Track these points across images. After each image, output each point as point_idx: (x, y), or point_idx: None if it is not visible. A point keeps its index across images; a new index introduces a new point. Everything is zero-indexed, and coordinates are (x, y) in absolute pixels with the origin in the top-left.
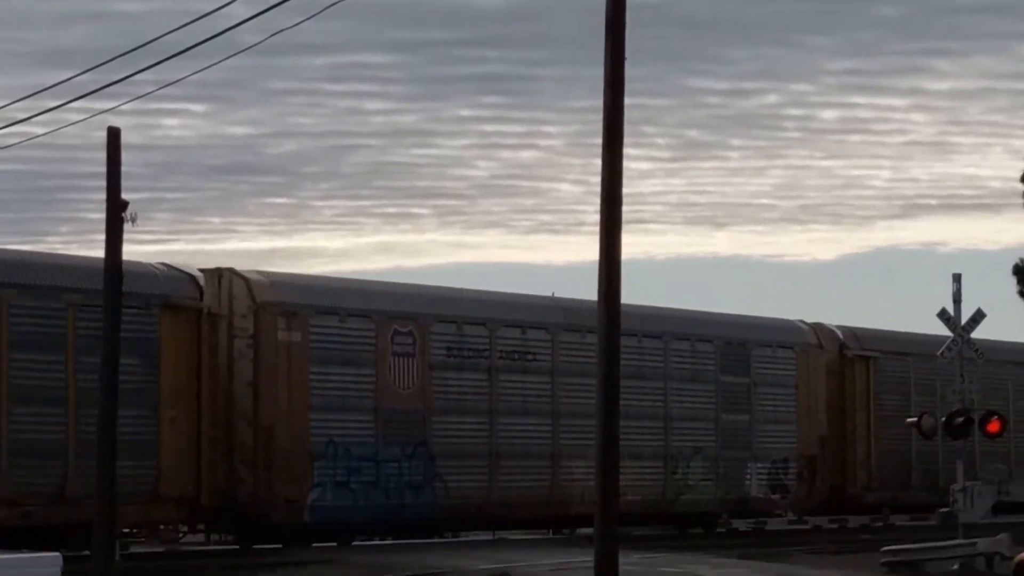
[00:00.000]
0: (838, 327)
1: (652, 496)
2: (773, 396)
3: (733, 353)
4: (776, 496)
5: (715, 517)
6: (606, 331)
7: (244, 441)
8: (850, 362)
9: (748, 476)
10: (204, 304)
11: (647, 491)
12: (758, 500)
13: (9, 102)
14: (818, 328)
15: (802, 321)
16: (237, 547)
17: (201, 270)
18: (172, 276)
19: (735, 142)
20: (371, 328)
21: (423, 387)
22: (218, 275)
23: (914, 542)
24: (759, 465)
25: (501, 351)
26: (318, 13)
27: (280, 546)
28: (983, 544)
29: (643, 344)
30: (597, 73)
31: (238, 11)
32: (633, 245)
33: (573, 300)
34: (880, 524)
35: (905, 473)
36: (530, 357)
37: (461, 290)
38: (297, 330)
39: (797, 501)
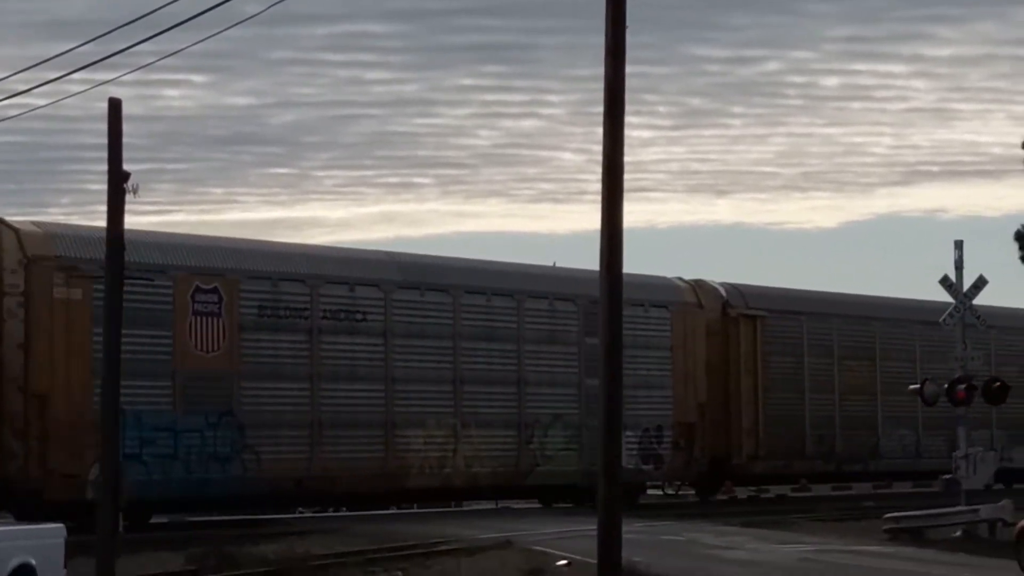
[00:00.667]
0: (721, 284)
1: (504, 468)
2: (645, 359)
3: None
4: (649, 467)
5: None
6: (608, 300)
7: (14, 410)
8: (734, 321)
9: None
10: None
11: (498, 463)
12: (628, 471)
13: (10, 73)
14: (698, 285)
15: (680, 278)
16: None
17: None
18: None
19: (736, 110)
20: (167, 285)
21: (230, 350)
22: None
23: (916, 509)
24: (629, 434)
25: (324, 310)
26: None
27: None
28: (985, 511)
29: (493, 303)
30: (598, 41)
31: None
32: (635, 213)
33: (411, 255)
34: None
35: (798, 441)
36: (359, 317)
37: (278, 243)
38: (77, 287)
39: (673, 472)
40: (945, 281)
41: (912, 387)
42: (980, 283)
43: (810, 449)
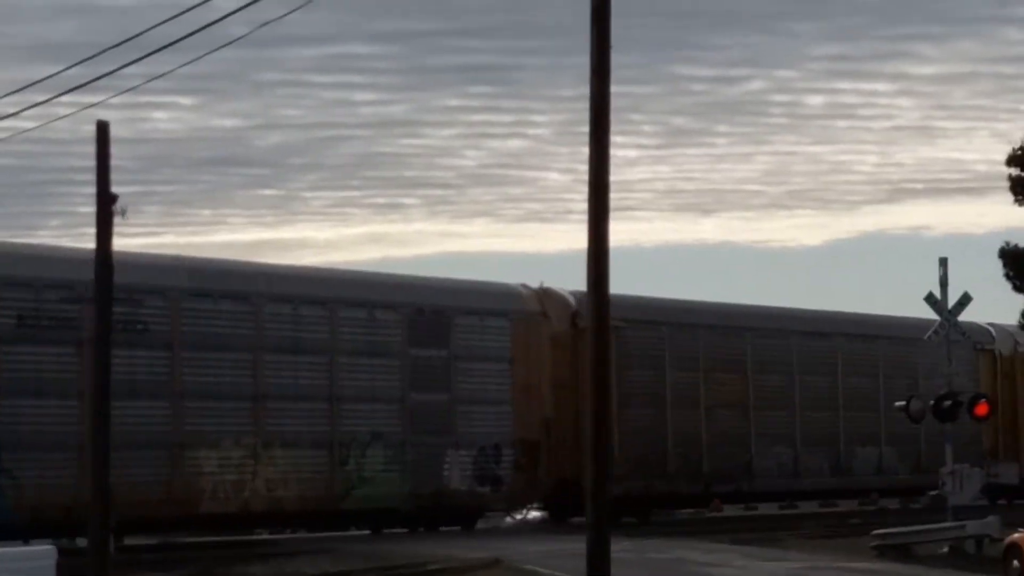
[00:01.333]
0: (572, 293)
1: (313, 492)
2: (481, 372)
3: (427, 322)
4: (486, 489)
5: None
6: (596, 319)
7: None
8: (584, 332)
9: (447, 466)
10: None
11: (306, 486)
12: (461, 493)
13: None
14: (544, 294)
15: (524, 285)
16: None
17: None
18: None
19: (721, 128)
20: None
21: None
22: None
23: (903, 525)
24: (463, 453)
25: None
26: (304, 4)
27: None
28: (972, 527)
29: (300, 312)
30: (583, 61)
31: (226, 4)
32: (621, 233)
33: (201, 259)
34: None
35: (659, 460)
36: (140, 327)
37: (39, 246)
38: None
39: (514, 494)
40: (930, 298)
41: (898, 404)
42: (965, 300)
43: (673, 468)
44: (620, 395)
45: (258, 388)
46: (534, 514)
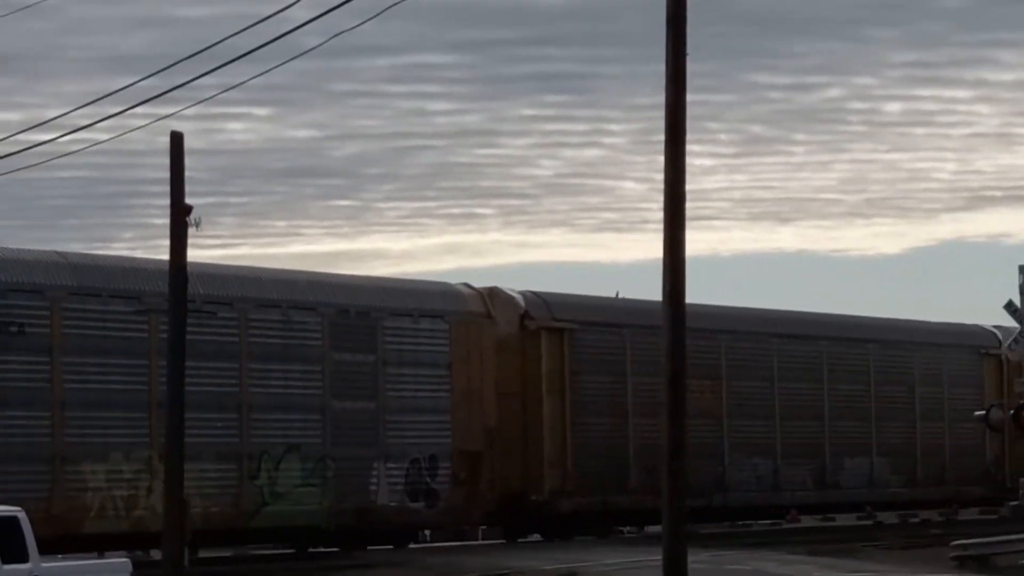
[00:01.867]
0: (521, 293)
1: (219, 508)
2: (414, 379)
3: (350, 324)
4: (419, 504)
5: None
6: (672, 330)
7: None
8: (534, 335)
9: (375, 480)
10: None
11: (210, 502)
12: (390, 510)
13: (72, 108)
14: (490, 294)
15: (467, 285)
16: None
17: None
18: None
19: (799, 137)
20: None
21: None
22: None
23: (984, 536)
24: (392, 466)
25: None
26: (379, 14)
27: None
28: None
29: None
30: (660, 70)
31: (299, 14)
32: (698, 242)
33: (86, 255)
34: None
35: (619, 473)
36: (14, 329)
37: None
38: None
39: (452, 510)
40: (1010, 306)
41: (977, 413)
42: None
43: (635, 482)
44: (573, 403)
45: (153, 396)
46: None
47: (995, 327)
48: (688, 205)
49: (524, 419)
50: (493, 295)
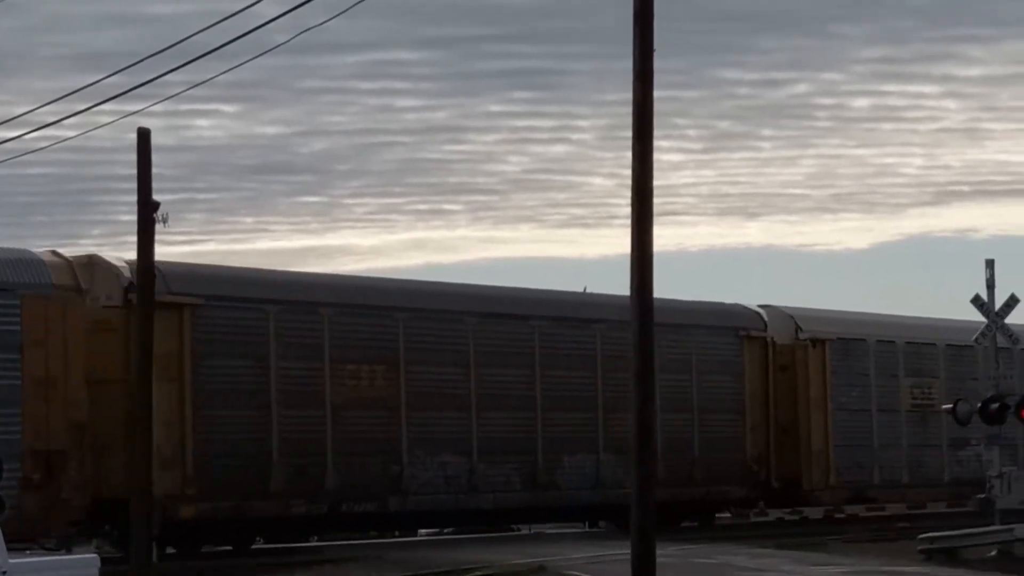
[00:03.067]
0: (128, 263)
1: None
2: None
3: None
4: None
5: None
6: (639, 325)
7: None
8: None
9: None
10: None
11: None
12: None
13: (40, 105)
14: (85, 263)
15: (54, 252)
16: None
17: None
18: None
19: (766, 132)
20: None
21: None
22: None
23: (951, 529)
24: None
25: None
26: (346, 10)
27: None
28: (1020, 530)
29: None
30: (628, 66)
31: (267, 11)
32: (666, 237)
33: None
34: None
35: (259, 474)
36: None
37: None
38: None
39: (25, 520)
40: (977, 300)
41: (945, 407)
42: (1012, 302)
43: (280, 485)
44: (196, 392)
45: None
46: None
47: (762, 307)
48: (656, 200)
49: (128, 410)
50: (92, 265)
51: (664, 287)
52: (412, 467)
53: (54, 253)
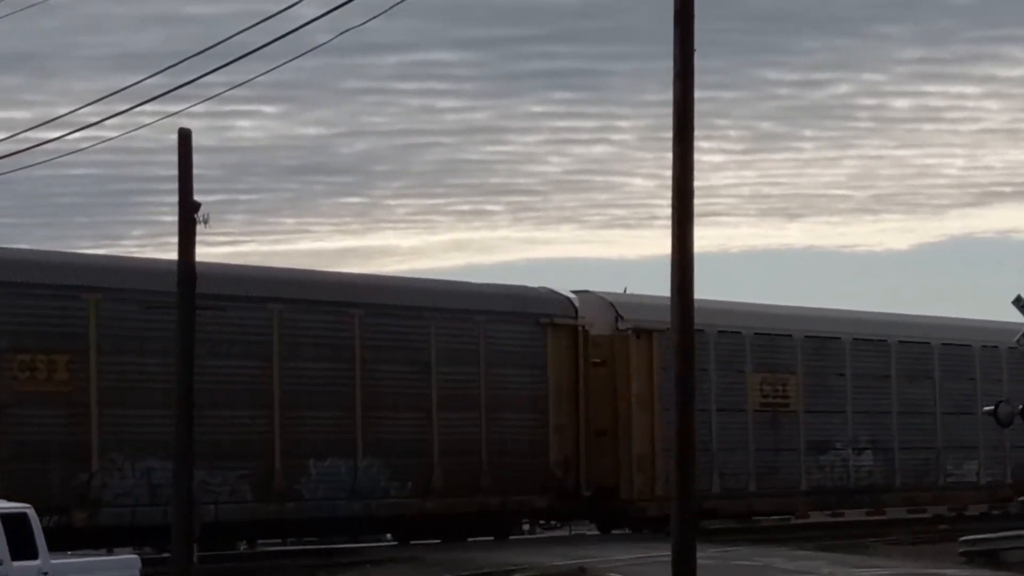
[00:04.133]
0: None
1: None
2: None
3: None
4: None
5: None
6: (680, 325)
7: None
8: None
9: None
10: None
11: None
12: None
13: (81, 105)
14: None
15: (552, 290)
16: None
17: None
18: None
19: (807, 133)
20: None
21: None
22: None
23: (992, 532)
24: None
25: None
26: (387, 11)
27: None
28: None
29: None
30: (668, 66)
31: (308, 11)
32: (707, 238)
33: None
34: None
35: None
36: None
37: None
38: None
39: None
40: (1019, 302)
41: (986, 409)
42: None
43: None
44: None
45: None
46: None
47: (576, 292)
48: (697, 201)
49: None
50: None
51: (705, 288)
52: (104, 474)
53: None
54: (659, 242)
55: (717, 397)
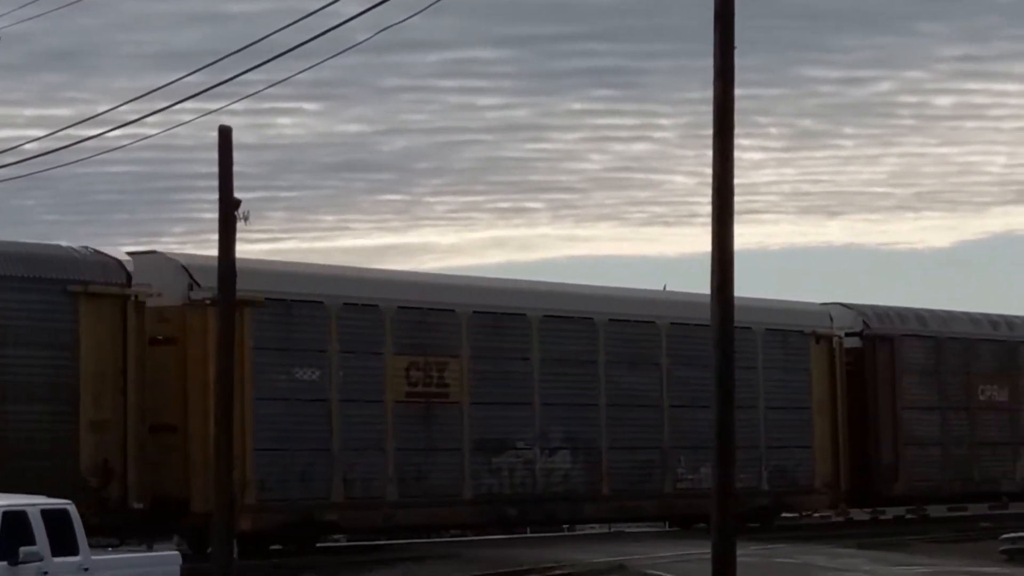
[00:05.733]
0: None
1: None
2: None
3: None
4: None
5: None
6: (720, 323)
7: None
8: None
9: None
10: None
11: None
12: None
13: (121, 103)
14: None
15: None
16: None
17: None
18: None
19: (848, 130)
20: None
21: None
22: None
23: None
24: None
25: None
26: (425, 8)
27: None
28: None
29: None
30: (709, 64)
31: (348, 9)
32: (746, 236)
33: None
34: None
35: None
36: None
37: None
38: None
39: None
40: None
41: None
42: None
43: None
44: None
45: None
46: None
47: (135, 253)
48: (737, 199)
49: None
50: None
51: (745, 285)
52: None
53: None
54: (699, 239)
55: (342, 385)
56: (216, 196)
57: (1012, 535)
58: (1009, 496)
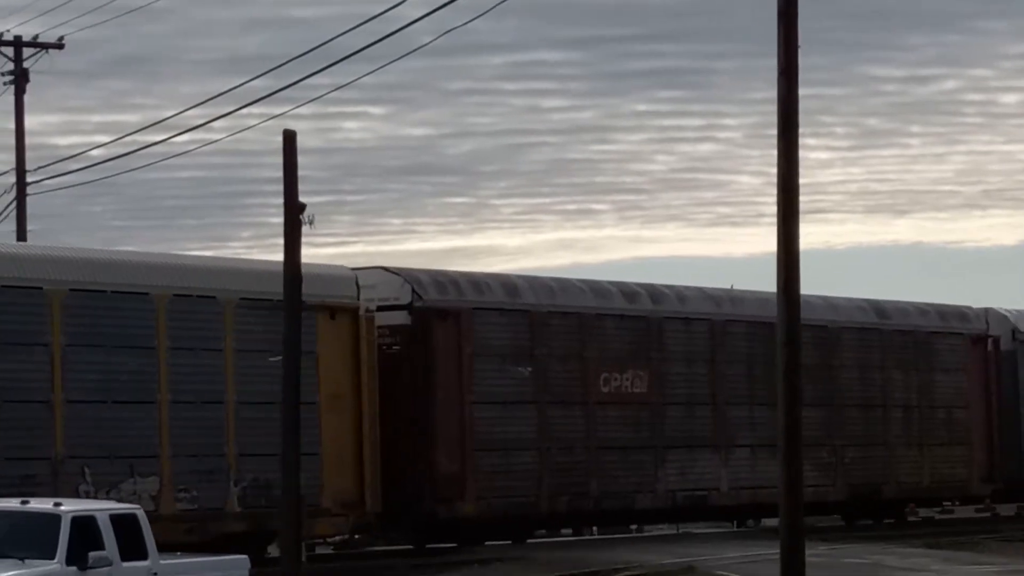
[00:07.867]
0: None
1: None
2: None
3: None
4: None
5: None
6: (786, 323)
7: None
8: None
9: None
10: None
11: None
12: None
13: (187, 108)
14: None
15: None
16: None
17: None
18: None
19: (915, 129)
20: None
21: None
22: None
23: None
24: None
25: None
26: (489, 11)
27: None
28: None
29: None
30: (773, 64)
31: (411, 12)
32: (813, 235)
33: None
34: None
35: None
36: None
37: None
38: None
39: None
40: None
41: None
42: None
43: None
44: None
45: None
46: None
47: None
48: (803, 198)
49: None
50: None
51: (811, 285)
52: None
53: None
54: (765, 240)
55: None
56: (282, 200)
57: None
58: (643, 515)
